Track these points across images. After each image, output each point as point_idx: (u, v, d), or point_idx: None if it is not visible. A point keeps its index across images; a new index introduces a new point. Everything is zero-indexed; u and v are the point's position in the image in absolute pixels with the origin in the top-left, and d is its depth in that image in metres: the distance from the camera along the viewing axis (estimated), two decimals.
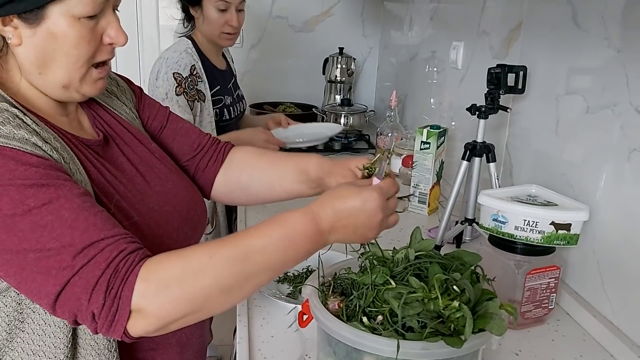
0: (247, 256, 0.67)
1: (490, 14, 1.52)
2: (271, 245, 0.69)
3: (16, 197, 0.63)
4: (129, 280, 0.63)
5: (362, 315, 0.73)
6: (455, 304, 0.68)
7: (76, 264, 0.62)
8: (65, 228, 0.63)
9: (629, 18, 0.96)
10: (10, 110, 0.68)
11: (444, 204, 1.30)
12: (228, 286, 0.67)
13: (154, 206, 0.83)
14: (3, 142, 0.64)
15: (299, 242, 0.70)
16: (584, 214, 0.95)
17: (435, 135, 1.48)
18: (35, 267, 0.63)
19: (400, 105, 2.22)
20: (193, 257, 0.66)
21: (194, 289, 0.65)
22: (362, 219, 0.73)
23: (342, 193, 0.74)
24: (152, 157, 0.90)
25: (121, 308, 0.62)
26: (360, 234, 0.74)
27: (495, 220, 0.99)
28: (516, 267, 0.99)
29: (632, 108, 0.94)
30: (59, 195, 0.64)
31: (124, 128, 0.89)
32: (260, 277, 0.69)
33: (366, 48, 2.71)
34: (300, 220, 0.71)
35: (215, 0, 1.64)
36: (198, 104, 1.65)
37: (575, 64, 1.13)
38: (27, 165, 0.64)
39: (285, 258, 0.70)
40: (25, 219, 0.62)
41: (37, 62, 0.72)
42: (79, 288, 0.62)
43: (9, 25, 0.69)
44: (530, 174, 1.29)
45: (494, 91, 1.22)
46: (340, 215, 0.73)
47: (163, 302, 0.64)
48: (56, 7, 0.69)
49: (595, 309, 1.02)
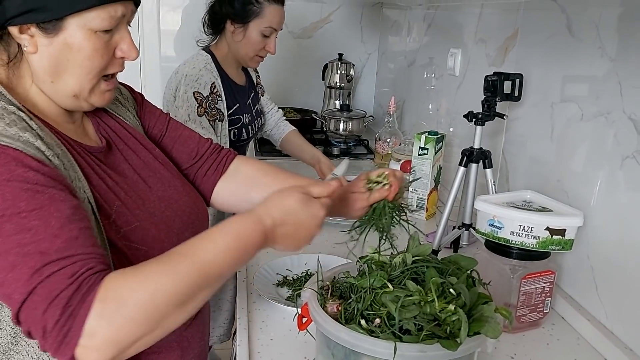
0: (203, 270, 0.67)
1: (486, 22, 1.54)
2: (224, 256, 0.70)
3: (9, 197, 0.63)
4: (88, 300, 0.60)
5: (360, 318, 0.74)
6: (451, 307, 0.70)
7: (44, 271, 0.61)
8: (48, 235, 0.62)
9: (623, 28, 0.98)
10: (18, 113, 0.69)
11: (442, 209, 1.32)
12: (184, 300, 0.66)
13: (155, 211, 0.83)
14: (7, 142, 0.65)
15: (248, 250, 0.72)
16: (579, 220, 0.97)
17: (433, 141, 1.50)
18: (11, 271, 0.61)
19: (398, 111, 2.24)
20: (150, 275, 0.65)
21: (152, 308, 0.63)
22: (304, 217, 0.77)
23: (287, 199, 0.79)
24: (155, 162, 0.91)
25: (73, 330, 0.60)
26: (297, 235, 0.77)
27: (492, 225, 1.01)
28: (512, 271, 1.00)
29: (625, 116, 0.96)
30: (51, 203, 0.64)
31: (129, 133, 0.90)
32: (213, 286, 0.70)
33: (365, 54, 2.74)
34: (249, 229, 0.73)
35: (265, 26, 1.57)
36: (219, 123, 1.59)
37: (569, 72, 1.15)
38: (26, 167, 0.65)
39: (235, 265, 0.72)
40: (12, 220, 0.62)
41: (51, 71, 0.74)
42: (39, 297, 0.60)
43: (25, 33, 0.71)
44: (526, 179, 1.31)
45: (490, 98, 1.24)
46: (285, 213, 0.76)
47: (120, 324, 0.61)
48: (74, 20, 0.71)
49: (590, 313, 1.04)
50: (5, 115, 0.68)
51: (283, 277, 1.18)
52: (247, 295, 1.11)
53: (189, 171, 1.02)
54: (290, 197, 0.77)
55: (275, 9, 1.58)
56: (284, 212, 0.76)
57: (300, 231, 0.77)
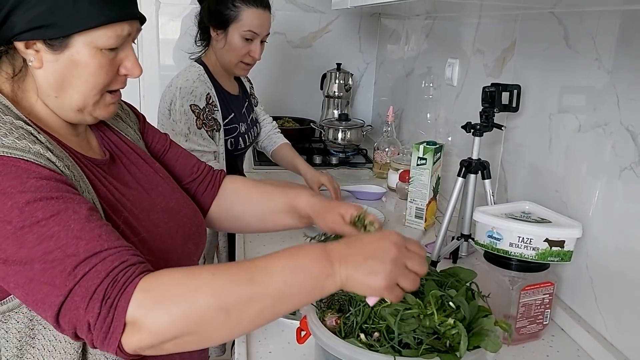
0: (251, 276, 0.64)
1: (484, 33, 1.55)
2: (275, 266, 0.65)
3: (25, 209, 0.64)
4: (127, 291, 0.62)
5: (359, 331, 0.74)
6: (451, 321, 0.70)
7: (78, 272, 0.62)
8: (71, 238, 0.64)
9: (619, 40, 0.99)
10: (25, 128, 0.70)
11: (440, 219, 1.32)
12: (227, 306, 0.63)
13: (159, 222, 0.84)
14: (18, 155, 0.66)
15: (304, 264, 0.66)
16: (577, 231, 0.97)
17: (431, 152, 1.51)
18: (41, 277, 0.63)
19: (397, 120, 2.25)
20: (196, 274, 0.65)
21: (191, 305, 0.62)
22: (371, 249, 0.67)
23: (360, 236, 0.74)
24: (156, 175, 0.92)
25: (116, 319, 0.61)
26: (369, 267, 0.65)
27: (490, 236, 1.01)
28: (511, 283, 1.00)
29: (622, 127, 0.96)
30: (67, 207, 0.65)
31: (130, 148, 0.91)
32: (262, 302, 0.64)
33: (363, 64, 2.75)
34: (309, 247, 0.68)
35: (245, 30, 1.55)
36: (216, 133, 1.59)
37: (567, 83, 1.16)
38: (38, 177, 0.66)
39: (289, 281, 0.65)
40: (33, 230, 0.63)
41: (55, 86, 0.75)
42: (78, 297, 0.62)
43: (31, 48, 0.72)
44: (524, 190, 1.31)
45: (488, 109, 1.24)
46: (351, 244, 0.69)
47: (159, 316, 0.62)
48: (81, 37, 0.72)
49: (589, 325, 1.04)
50: (14, 130, 0.69)
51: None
52: None
53: (189, 186, 1.04)
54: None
55: (254, 12, 1.55)
56: (355, 237, 0.72)
57: (370, 252, 0.67)
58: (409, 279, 0.67)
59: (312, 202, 0.97)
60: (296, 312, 1.09)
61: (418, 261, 0.68)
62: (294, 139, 2.42)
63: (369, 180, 1.99)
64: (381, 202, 1.80)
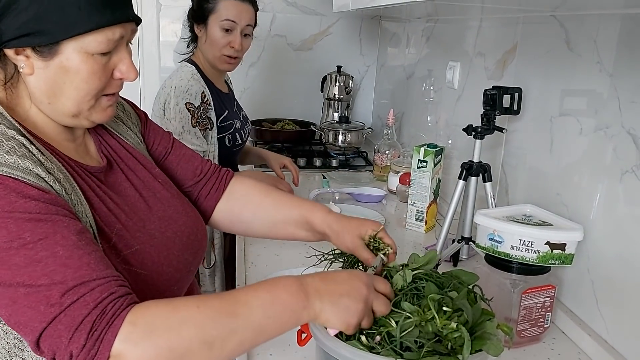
0: (233, 309, 0.67)
1: (485, 36, 1.55)
2: (256, 299, 0.68)
3: (13, 229, 0.62)
4: (114, 324, 0.61)
5: (360, 334, 0.74)
6: (453, 324, 0.69)
7: (64, 301, 0.61)
8: (58, 265, 0.63)
9: (620, 44, 0.99)
10: (17, 138, 0.69)
11: (441, 222, 1.32)
12: (211, 339, 0.65)
13: (155, 232, 0.83)
14: (7, 172, 0.64)
15: (283, 297, 0.69)
16: (579, 234, 0.97)
17: (432, 154, 1.51)
18: (25, 301, 0.62)
19: (397, 123, 2.25)
20: (181, 307, 0.66)
21: (177, 338, 0.63)
22: (346, 287, 0.72)
23: (332, 272, 0.77)
24: (155, 181, 0.90)
25: (100, 352, 0.61)
26: (344, 304, 0.71)
27: (492, 239, 1.01)
28: (512, 286, 1.00)
29: (624, 130, 0.96)
30: (56, 231, 0.64)
31: (129, 153, 0.90)
32: (243, 334, 0.67)
33: (363, 66, 2.75)
34: (286, 280, 0.72)
35: (221, 20, 1.58)
36: (210, 132, 1.60)
37: (568, 86, 1.16)
38: (27, 198, 0.64)
39: (268, 313, 0.68)
40: (20, 253, 0.62)
41: (47, 93, 0.73)
42: (62, 325, 0.61)
43: (21, 55, 0.70)
44: (525, 192, 1.31)
45: (489, 112, 1.24)
46: (326, 280, 0.73)
47: (145, 350, 0.61)
48: (71, 44, 0.70)
49: (590, 328, 1.04)
50: (4, 142, 0.67)
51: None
52: None
53: (192, 189, 1.02)
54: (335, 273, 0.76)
55: (230, 3, 1.60)
56: (329, 274, 0.75)
57: (343, 291, 0.72)
58: (370, 319, 0.73)
59: (329, 220, 0.96)
60: None
61: (384, 302, 0.74)
62: (294, 142, 2.44)
63: (369, 183, 1.98)
64: (381, 204, 1.80)
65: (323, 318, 0.71)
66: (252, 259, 1.29)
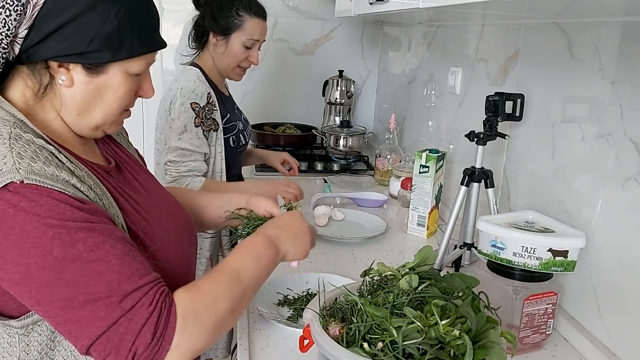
0: (237, 277, 0.80)
1: (487, 42, 1.56)
2: (247, 262, 0.84)
3: (67, 240, 0.65)
4: (171, 320, 0.69)
5: (363, 341, 0.74)
6: (456, 332, 0.69)
7: (125, 306, 0.67)
8: (113, 274, 0.67)
9: (620, 51, 0.99)
10: (47, 147, 0.71)
11: (443, 227, 1.32)
12: (233, 306, 0.77)
13: (170, 228, 0.88)
14: (50, 185, 0.67)
15: (263, 253, 0.87)
16: (581, 241, 0.97)
17: (434, 159, 1.51)
18: (80, 309, 0.66)
19: (398, 128, 2.25)
20: (206, 289, 0.76)
21: (215, 315, 0.74)
22: (295, 225, 0.96)
23: (275, 219, 0.99)
24: (153, 181, 0.96)
25: (163, 347, 0.68)
26: (300, 239, 0.94)
27: (494, 246, 1.01)
28: (514, 292, 1.00)
29: (626, 138, 0.97)
30: (104, 240, 0.68)
31: (126, 156, 0.94)
32: (249, 293, 0.82)
33: (365, 71, 2.76)
34: (257, 238, 0.90)
35: (247, 38, 1.63)
36: (214, 133, 1.62)
37: (570, 93, 1.16)
38: (73, 207, 0.67)
39: (260, 269, 0.85)
40: (75, 264, 0.66)
41: (81, 105, 0.77)
42: (124, 328, 0.66)
43: (63, 67, 0.73)
44: (527, 198, 1.31)
45: (492, 118, 1.25)
46: (280, 227, 0.94)
47: (197, 335, 0.71)
48: (117, 65, 0.75)
49: (592, 335, 1.03)
50: (38, 153, 0.68)
51: (284, 296, 1.17)
52: (247, 314, 1.11)
53: None
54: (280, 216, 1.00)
55: (256, 22, 1.65)
56: (277, 222, 0.97)
57: (294, 230, 0.95)
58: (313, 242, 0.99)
59: None
60: (298, 319, 1.09)
61: (314, 231, 1.01)
62: (295, 146, 2.44)
63: (370, 188, 1.99)
64: (383, 209, 1.80)
65: (290, 256, 0.93)
66: None
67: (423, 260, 0.86)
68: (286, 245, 0.92)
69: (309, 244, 0.97)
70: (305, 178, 2.13)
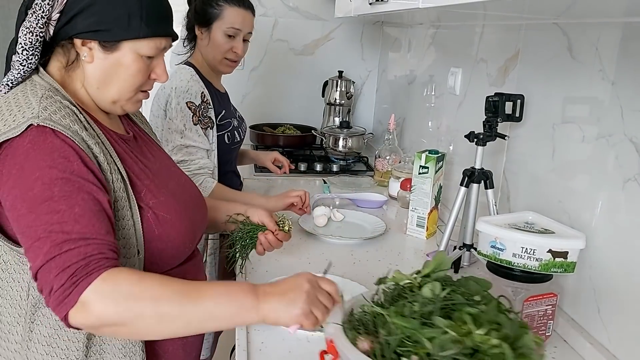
0: (188, 293, 0.78)
1: (487, 42, 1.55)
2: (211, 290, 0.80)
3: (47, 182, 0.77)
4: (90, 276, 0.74)
5: (400, 356, 0.70)
6: (494, 341, 0.66)
7: (63, 247, 0.75)
8: (70, 219, 0.76)
9: (620, 52, 0.99)
10: (71, 107, 0.87)
11: (442, 228, 1.32)
12: (162, 313, 0.77)
13: (176, 192, 0.99)
14: (61, 129, 0.80)
15: (234, 292, 0.81)
16: (581, 242, 0.97)
17: (433, 160, 1.50)
18: (36, 241, 0.76)
19: (398, 128, 2.24)
20: (147, 279, 0.79)
21: (134, 303, 0.76)
22: (290, 284, 0.84)
23: (283, 278, 0.89)
24: (167, 158, 1.10)
25: (73, 294, 0.73)
26: (288, 299, 0.81)
27: (494, 247, 1.01)
28: (514, 293, 1.00)
29: (626, 139, 0.96)
30: (79, 193, 0.78)
31: (146, 135, 1.09)
32: (191, 316, 0.78)
33: (365, 71, 2.75)
34: (243, 282, 0.86)
35: (227, 27, 1.63)
36: (210, 130, 1.63)
37: (570, 93, 1.16)
38: (68, 160, 0.79)
39: (219, 302, 0.79)
40: (46, 203, 0.77)
41: (100, 79, 0.91)
42: (55, 265, 0.74)
43: (86, 46, 0.88)
44: (527, 199, 1.31)
45: (492, 119, 1.24)
46: (275, 284, 0.85)
47: (107, 305, 0.74)
48: (129, 44, 0.89)
49: (592, 336, 1.03)
50: (62, 108, 0.84)
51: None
52: None
53: None
54: None
55: (236, 11, 1.65)
56: (276, 281, 0.87)
57: (288, 287, 0.84)
58: (320, 309, 0.82)
59: None
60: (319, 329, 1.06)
61: (327, 297, 0.84)
62: (295, 146, 2.44)
63: (369, 188, 1.98)
64: (382, 210, 1.79)
65: (273, 316, 0.81)
66: (253, 264, 1.29)
67: (438, 266, 0.84)
68: (271, 304, 0.80)
69: (300, 305, 0.80)
70: (305, 179, 2.13)
